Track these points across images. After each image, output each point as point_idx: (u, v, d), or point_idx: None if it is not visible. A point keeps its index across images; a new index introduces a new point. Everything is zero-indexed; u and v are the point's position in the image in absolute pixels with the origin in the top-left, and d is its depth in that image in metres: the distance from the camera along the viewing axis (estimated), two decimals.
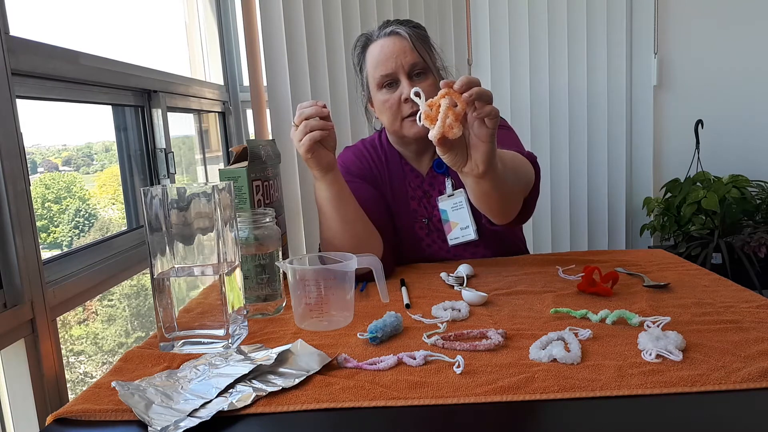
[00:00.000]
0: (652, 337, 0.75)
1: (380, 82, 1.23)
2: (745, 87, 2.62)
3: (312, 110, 1.03)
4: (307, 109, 1.03)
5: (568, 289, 1.03)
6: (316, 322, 0.90)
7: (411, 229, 1.33)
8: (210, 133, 2.22)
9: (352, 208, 1.14)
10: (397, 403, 0.65)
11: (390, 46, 1.21)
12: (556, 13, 2.49)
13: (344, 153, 1.39)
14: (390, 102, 1.22)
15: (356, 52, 1.29)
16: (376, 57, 1.22)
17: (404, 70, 1.20)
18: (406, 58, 1.20)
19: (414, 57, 1.20)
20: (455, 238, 1.29)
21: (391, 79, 1.22)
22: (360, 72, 1.30)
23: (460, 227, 1.29)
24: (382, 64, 1.21)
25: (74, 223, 1.56)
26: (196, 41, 2.20)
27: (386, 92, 1.23)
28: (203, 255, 0.83)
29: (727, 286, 1.01)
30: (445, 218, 1.30)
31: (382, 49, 1.22)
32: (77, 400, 0.68)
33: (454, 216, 1.29)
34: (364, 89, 1.31)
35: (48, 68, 1.10)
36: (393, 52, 1.20)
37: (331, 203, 1.11)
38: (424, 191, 1.33)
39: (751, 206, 2.39)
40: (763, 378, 0.66)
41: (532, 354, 0.74)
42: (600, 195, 2.63)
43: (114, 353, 1.71)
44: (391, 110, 1.23)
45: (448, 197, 1.29)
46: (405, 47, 1.20)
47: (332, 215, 1.12)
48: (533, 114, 2.53)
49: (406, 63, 1.20)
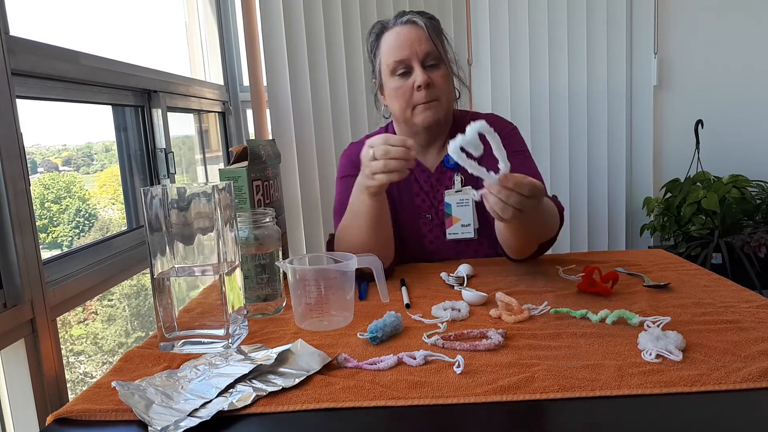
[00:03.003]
0: (652, 337, 0.75)
1: (393, 68, 1.23)
2: (745, 87, 2.62)
3: (399, 153, 1.00)
4: (395, 149, 1.00)
5: (568, 289, 1.03)
6: (316, 322, 0.90)
7: (415, 225, 1.33)
8: (210, 133, 2.22)
9: (386, 227, 1.15)
10: (397, 403, 0.65)
11: (406, 33, 1.22)
12: (556, 13, 2.49)
13: (350, 148, 1.40)
14: (402, 89, 1.23)
15: (371, 38, 1.30)
16: (391, 43, 1.23)
17: (418, 57, 1.21)
18: (421, 46, 1.21)
19: (429, 46, 1.21)
20: (454, 234, 1.30)
21: (405, 65, 1.22)
22: (373, 59, 1.31)
23: (461, 224, 1.29)
24: (396, 50, 1.22)
25: (74, 223, 1.56)
26: (196, 41, 2.20)
27: (399, 79, 1.23)
28: (203, 255, 0.83)
29: (727, 286, 1.01)
30: (448, 212, 1.30)
31: (398, 36, 1.23)
32: (77, 400, 0.68)
33: (458, 212, 1.29)
34: (376, 76, 1.32)
35: (48, 68, 1.10)
36: (408, 39, 1.21)
37: (371, 219, 1.11)
38: (432, 185, 1.33)
39: (751, 206, 2.39)
40: (763, 378, 0.66)
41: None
42: (600, 195, 2.62)
43: (114, 353, 1.71)
44: (403, 97, 1.23)
45: (456, 192, 1.30)
46: (421, 36, 1.21)
47: (366, 229, 1.12)
48: (533, 114, 2.53)
49: (420, 51, 1.21)
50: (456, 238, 1.30)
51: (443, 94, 1.24)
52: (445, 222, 1.31)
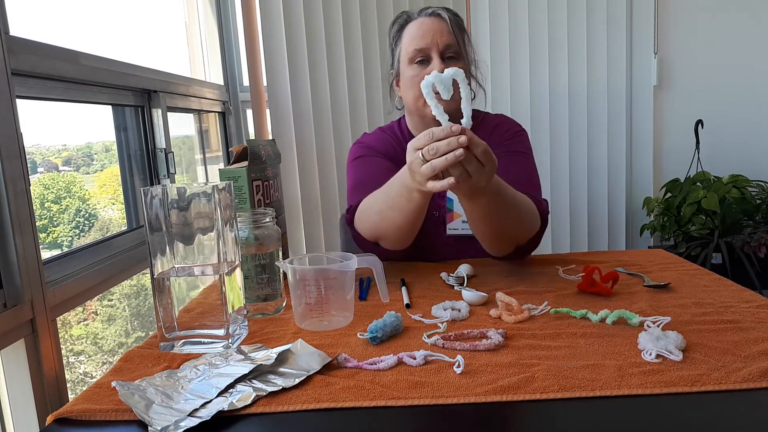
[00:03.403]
0: (652, 337, 0.75)
1: (413, 57, 1.25)
2: (745, 87, 2.62)
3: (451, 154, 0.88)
4: (443, 144, 0.88)
5: (568, 289, 1.03)
6: (316, 322, 0.90)
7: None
8: (210, 133, 2.22)
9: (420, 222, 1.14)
10: (397, 403, 0.65)
11: (429, 24, 1.25)
12: (556, 13, 2.49)
13: (364, 137, 1.41)
14: (418, 78, 1.24)
15: (394, 28, 1.32)
16: (414, 33, 1.25)
17: (438, 48, 1.23)
18: (443, 37, 1.23)
19: (450, 38, 1.23)
20: (454, 229, 1.30)
21: (424, 54, 1.24)
22: (393, 48, 1.33)
23: (462, 220, 1.29)
24: (418, 39, 1.24)
25: (74, 223, 1.56)
26: (196, 41, 2.20)
27: (416, 67, 1.25)
28: (203, 255, 0.83)
29: (727, 286, 1.01)
30: (450, 207, 1.30)
31: (421, 26, 1.25)
32: (77, 400, 0.68)
33: (459, 208, 1.29)
34: (394, 66, 1.33)
35: (48, 68, 1.10)
36: (431, 29, 1.24)
37: (410, 216, 1.09)
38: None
39: (751, 206, 2.39)
40: (763, 378, 0.66)
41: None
42: (600, 195, 2.63)
43: (114, 353, 1.71)
44: (417, 86, 1.24)
45: None
46: (443, 28, 1.24)
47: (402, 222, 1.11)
48: (533, 114, 2.53)
49: (441, 42, 1.23)
50: (456, 234, 1.30)
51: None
52: (447, 217, 1.31)
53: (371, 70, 2.24)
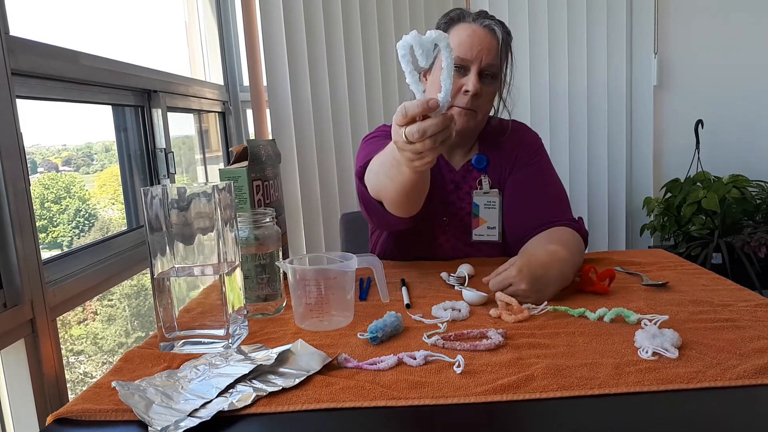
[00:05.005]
0: (649, 335, 0.75)
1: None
2: (745, 87, 2.62)
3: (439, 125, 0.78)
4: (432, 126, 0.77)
5: (567, 288, 1.03)
6: (316, 322, 0.90)
7: (428, 226, 1.31)
8: (210, 133, 2.22)
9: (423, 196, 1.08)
10: (398, 403, 0.65)
11: (480, 35, 1.20)
12: (556, 13, 2.49)
13: (383, 126, 1.36)
14: None
15: (443, 20, 1.26)
16: (462, 38, 1.20)
17: (479, 64, 1.19)
18: (488, 55, 1.19)
19: (495, 59, 1.20)
20: (479, 235, 1.29)
21: (463, 64, 1.19)
22: None
23: (487, 226, 1.28)
24: (464, 47, 1.19)
25: (74, 223, 1.56)
26: (196, 41, 2.20)
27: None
28: (203, 255, 0.83)
29: (725, 285, 1.02)
30: (476, 213, 1.30)
31: (473, 34, 1.20)
32: (77, 400, 0.69)
33: (485, 213, 1.29)
34: None
35: (48, 68, 1.10)
36: (480, 42, 1.19)
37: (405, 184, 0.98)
38: (456, 184, 1.32)
39: (751, 206, 2.39)
40: (758, 375, 0.66)
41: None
42: (600, 195, 2.63)
43: (114, 353, 1.71)
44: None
45: (484, 194, 1.29)
46: (492, 46, 1.20)
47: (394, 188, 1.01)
48: (533, 114, 2.53)
49: (485, 59, 1.19)
50: (482, 240, 1.29)
51: (482, 109, 1.24)
52: (472, 222, 1.30)
53: (371, 70, 2.24)
